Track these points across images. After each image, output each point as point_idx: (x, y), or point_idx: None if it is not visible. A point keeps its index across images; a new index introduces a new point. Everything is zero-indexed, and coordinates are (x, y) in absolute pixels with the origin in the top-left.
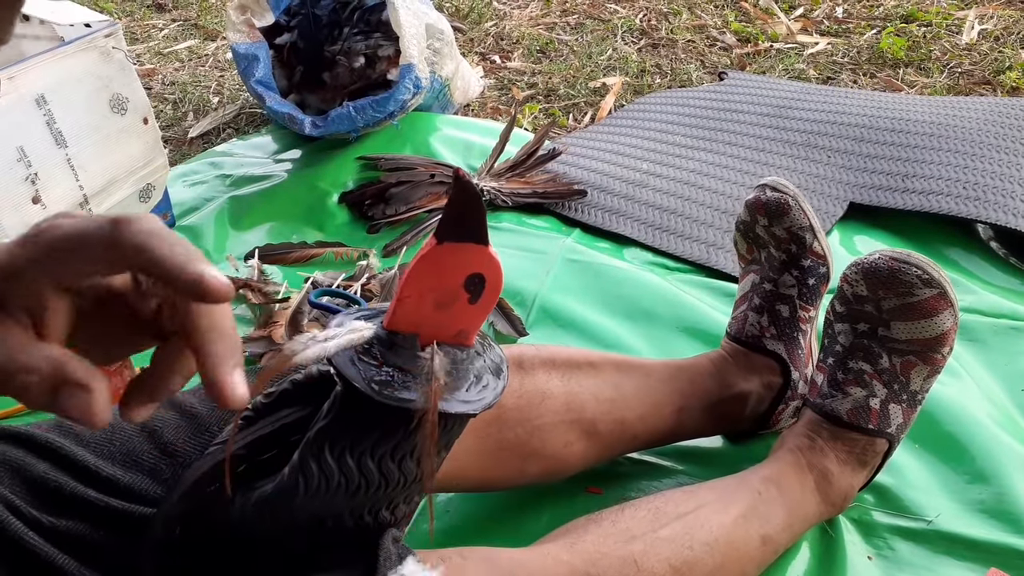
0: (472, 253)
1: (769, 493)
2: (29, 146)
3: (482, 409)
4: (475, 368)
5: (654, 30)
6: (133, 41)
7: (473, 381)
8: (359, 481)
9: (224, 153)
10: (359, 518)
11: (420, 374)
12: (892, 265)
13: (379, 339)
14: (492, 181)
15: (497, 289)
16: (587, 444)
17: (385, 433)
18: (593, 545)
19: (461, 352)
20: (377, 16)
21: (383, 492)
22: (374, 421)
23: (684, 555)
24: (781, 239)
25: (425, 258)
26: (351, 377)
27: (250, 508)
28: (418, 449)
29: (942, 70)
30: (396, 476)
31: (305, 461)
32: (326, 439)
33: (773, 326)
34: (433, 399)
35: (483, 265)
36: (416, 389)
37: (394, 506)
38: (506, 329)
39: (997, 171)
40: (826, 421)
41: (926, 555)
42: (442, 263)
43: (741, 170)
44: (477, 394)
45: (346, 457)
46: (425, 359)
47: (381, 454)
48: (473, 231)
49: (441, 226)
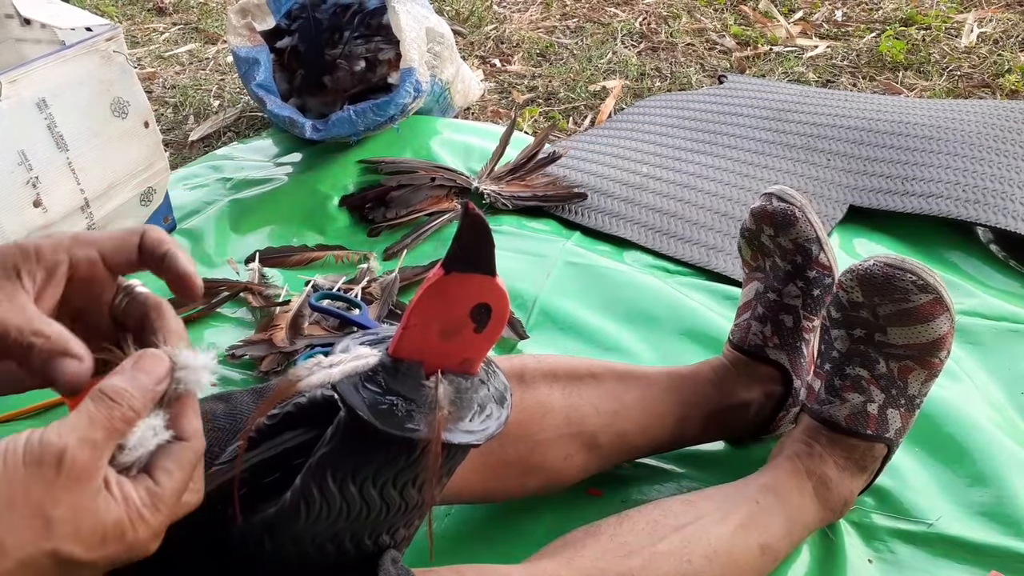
0: (479, 284)
1: (767, 501)
2: (30, 150)
3: (485, 440)
4: (479, 397)
5: (654, 33)
6: (134, 45)
7: (477, 411)
8: (360, 507)
9: (225, 156)
10: (359, 542)
11: (424, 403)
12: (887, 271)
13: (384, 367)
14: (492, 184)
15: (503, 319)
16: (587, 456)
17: (387, 461)
18: (591, 561)
19: (465, 381)
20: (378, 20)
21: (384, 518)
22: (377, 449)
23: (683, 569)
24: (787, 250)
25: (432, 288)
26: (355, 405)
27: (251, 530)
28: (420, 477)
29: (941, 73)
30: (397, 503)
31: (307, 486)
32: (329, 465)
33: (776, 336)
34: (437, 429)
35: (490, 295)
36: (420, 418)
37: (394, 531)
38: (506, 332)
39: (997, 174)
40: (824, 427)
41: (926, 558)
42: (449, 293)
43: (741, 173)
44: (480, 424)
45: (348, 484)
46: (429, 388)
47: (383, 481)
48: (481, 262)
49: (449, 257)
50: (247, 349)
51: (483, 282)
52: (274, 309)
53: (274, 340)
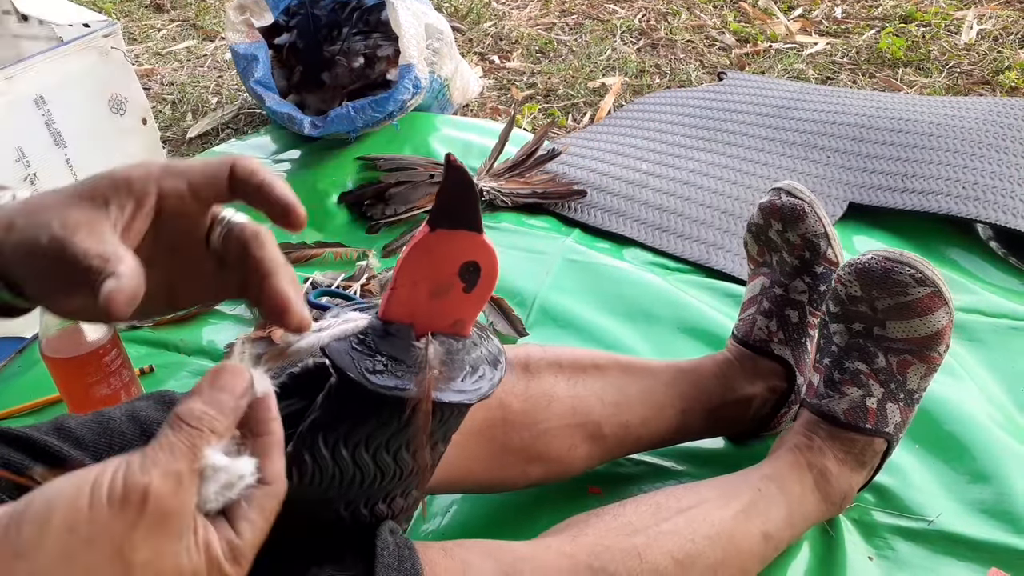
0: (466, 240)
1: (769, 490)
2: (28, 146)
3: (477, 399)
4: (471, 358)
5: (653, 30)
6: (132, 41)
7: (469, 371)
8: (353, 472)
9: (223, 153)
10: (355, 511)
11: (414, 363)
12: (885, 265)
13: (374, 329)
14: (492, 181)
15: (492, 277)
16: (591, 447)
17: (379, 424)
18: (595, 538)
19: (457, 342)
20: (376, 16)
21: (378, 484)
22: (368, 411)
23: (687, 548)
24: (795, 245)
25: (418, 246)
26: (344, 366)
27: None
28: (413, 439)
29: (941, 70)
30: (392, 468)
31: (299, 452)
32: (320, 430)
33: (781, 331)
34: (427, 388)
35: (477, 253)
36: (410, 378)
37: (391, 499)
38: (506, 329)
39: (996, 171)
40: (823, 421)
41: (927, 555)
42: (435, 251)
43: (741, 170)
44: (473, 384)
45: (340, 448)
46: (420, 349)
47: (376, 445)
48: (466, 218)
49: (434, 213)
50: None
51: (470, 238)
52: None
53: (274, 338)
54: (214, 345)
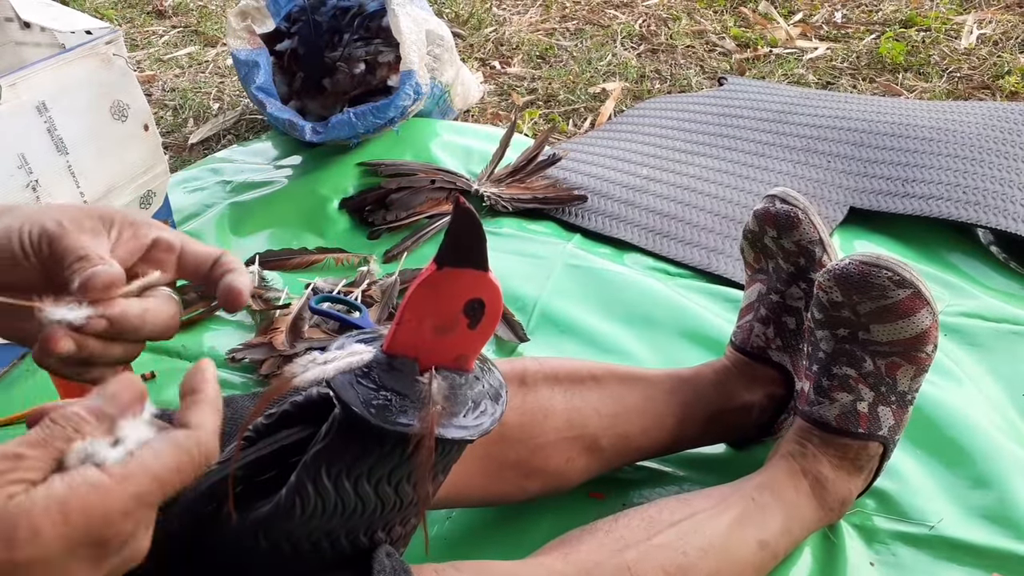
0: (472, 279)
1: (764, 499)
2: (30, 153)
3: (479, 435)
4: (473, 393)
5: (654, 35)
6: (133, 48)
7: (471, 407)
8: (355, 504)
9: (224, 159)
10: (354, 539)
11: (418, 399)
12: (862, 269)
13: (378, 363)
14: (492, 187)
15: (496, 315)
16: (589, 459)
17: (382, 457)
18: (587, 555)
19: (460, 377)
20: (377, 22)
21: (379, 515)
22: (371, 445)
23: (678, 560)
24: (790, 251)
25: (425, 283)
26: (349, 400)
27: (246, 528)
28: (415, 473)
29: (941, 75)
30: (392, 499)
31: (302, 483)
32: (323, 461)
33: (779, 338)
34: (430, 424)
35: (483, 291)
36: (413, 414)
37: (390, 528)
38: (507, 335)
39: (997, 175)
40: (816, 428)
41: (928, 560)
42: (441, 288)
43: (741, 175)
44: (475, 420)
45: (343, 480)
46: (423, 384)
47: (378, 478)
48: (473, 257)
49: (441, 251)
50: (247, 352)
51: (475, 277)
52: (274, 312)
53: (274, 343)
54: (215, 351)
